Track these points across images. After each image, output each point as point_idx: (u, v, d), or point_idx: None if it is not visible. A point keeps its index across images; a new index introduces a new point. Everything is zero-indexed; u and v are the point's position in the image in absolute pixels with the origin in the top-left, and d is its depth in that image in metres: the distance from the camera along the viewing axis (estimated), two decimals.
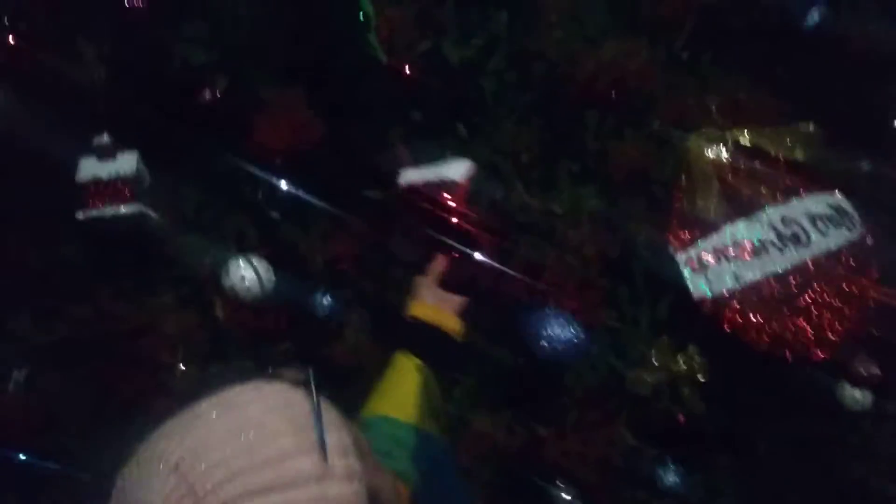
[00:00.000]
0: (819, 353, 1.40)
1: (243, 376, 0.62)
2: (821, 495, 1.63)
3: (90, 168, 1.34)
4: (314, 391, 0.62)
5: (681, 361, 1.29)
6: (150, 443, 0.60)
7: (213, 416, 0.59)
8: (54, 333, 1.32)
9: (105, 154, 1.34)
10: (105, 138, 1.34)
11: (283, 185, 1.40)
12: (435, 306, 1.11)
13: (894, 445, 1.68)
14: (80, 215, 1.33)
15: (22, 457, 1.30)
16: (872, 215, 1.62)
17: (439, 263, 1.17)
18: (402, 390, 1.04)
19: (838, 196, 1.54)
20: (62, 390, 1.32)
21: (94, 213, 1.32)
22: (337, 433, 0.60)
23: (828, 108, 1.71)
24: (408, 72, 1.50)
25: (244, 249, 1.38)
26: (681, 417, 1.26)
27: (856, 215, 1.52)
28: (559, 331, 1.19)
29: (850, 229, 1.50)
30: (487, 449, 1.26)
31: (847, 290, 1.44)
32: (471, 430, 1.25)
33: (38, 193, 1.33)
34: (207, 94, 1.39)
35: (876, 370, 1.48)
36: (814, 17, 1.71)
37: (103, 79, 1.35)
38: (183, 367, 1.30)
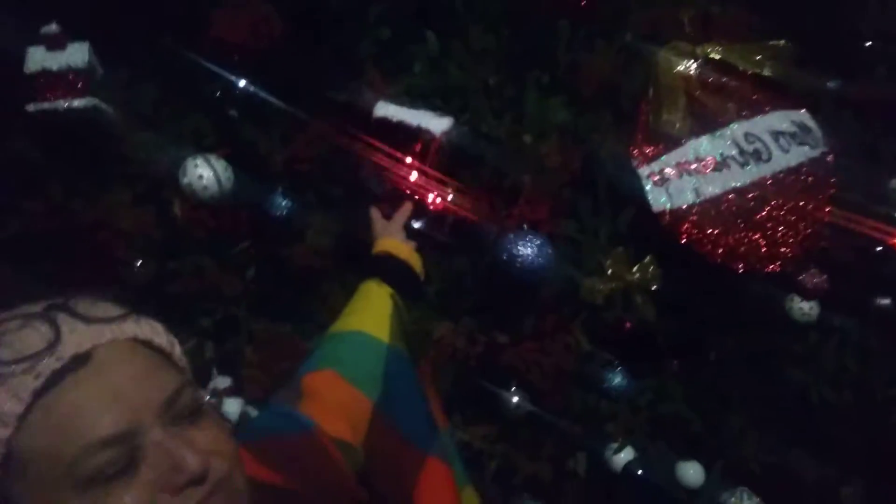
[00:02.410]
0: (771, 265, 1.43)
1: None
2: (764, 401, 1.70)
3: (39, 59, 1.29)
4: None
5: (635, 271, 1.30)
6: None
7: None
8: (7, 228, 1.30)
9: (54, 44, 1.28)
10: (54, 27, 1.29)
11: (242, 82, 1.36)
12: (400, 243, 1.17)
13: (837, 356, 1.75)
14: (30, 107, 1.28)
15: None
16: (835, 134, 1.65)
17: (403, 211, 1.22)
18: (376, 311, 1.07)
19: (803, 113, 1.55)
20: (17, 284, 1.30)
21: (45, 105, 1.28)
22: None
23: (800, 26, 1.70)
24: None
25: (203, 148, 1.35)
26: (628, 324, 1.28)
27: (819, 133, 1.54)
28: (526, 250, 1.20)
29: (811, 147, 1.51)
30: (447, 355, 1.28)
31: (803, 206, 1.47)
32: (432, 337, 1.26)
33: None
34: None
35: (824, 283, 1.52)
36: None
37: None
38: (139, 264, 1.28)
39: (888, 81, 1.80)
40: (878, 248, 1.83)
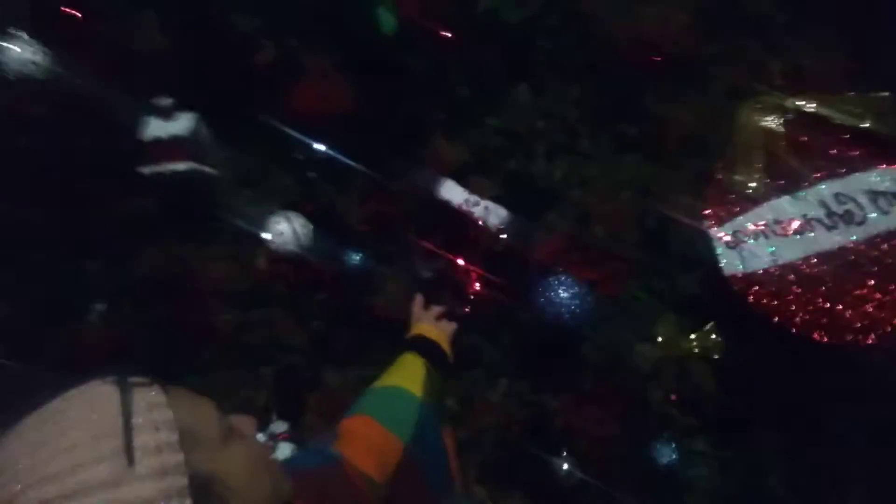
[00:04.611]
0: (864, 338, 1.30)
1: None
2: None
3: (153, 128, 1.48)
4: (126, 395, 0.62)
5: (693, 339, 1.25)
6: None
7: (25, 430, 0.62)
8: (124, 275, 1.49)
9: (164, 115, 1.47)
10: (165, 101, 1.47)
11: (321, 147, 1.48)
12: (433, 328, 1.23)
13: None
14: (144, 170, 1.48)
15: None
16: None
17: (438, 309, 1.26)
18: (411, 372, 1.15)
19: None
20: (133, 323, 1.50)
21: (155, 168, 1.47)
22: (151, 434, 0.61)
23: None
24: (450, 36, 1.52)
25: (286, 207, 1.48)
26: (673, 397, 1.23)
27: None
28: (562, 294, 1.20)
29: None
30: (496, 420, 1.30)
31: None
32: (481, 402, 1.29)
33: (111, 150, 1.49)
34: (257, 61, 1.48)
35: None
36: None
37: (165, 47, 1.47)
38: (226, 311, 1.42)
39: None
40: None
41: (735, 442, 1.47)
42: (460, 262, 1.35)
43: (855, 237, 1.33)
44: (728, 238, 1.36)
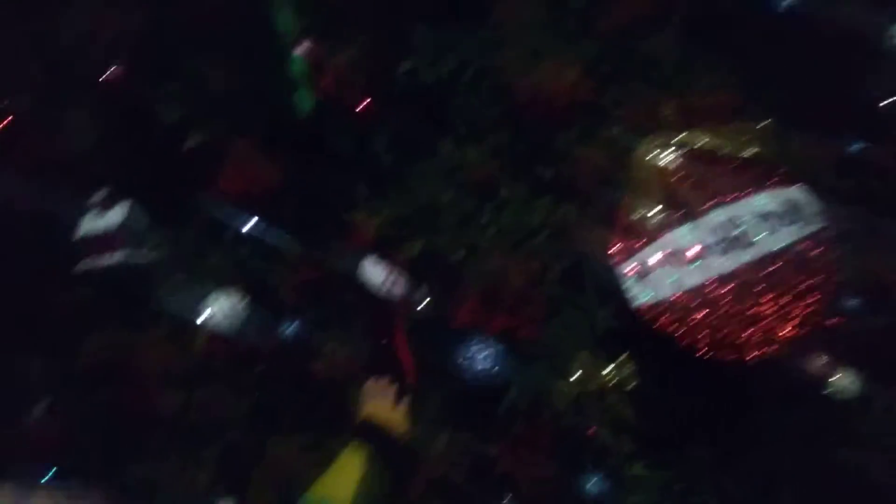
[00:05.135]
0: (764, 352, 1.39)
1: None
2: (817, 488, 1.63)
3: (87, 224, 1.55)
4: None
5: (610, 372, 1.33)
6: None
7: None
8: (66, 368, 1.55)
9: (99, 208, 1.54)
10: (100, 194, 1.55)
11: (250, 225, 1.56)
12: (383, 407, 1.25)
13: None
14: (78, 268, 1.54)
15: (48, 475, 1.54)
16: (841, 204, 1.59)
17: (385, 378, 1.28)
18: (345, 478, 1.16)
19: (796, 190, 1.51)
20: (77, 415, 1.55)
21: (91, 262, 1.53)
22: None
23: (796, 96, 1.68)
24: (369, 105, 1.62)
25: (221, 285, 1.54)
26: (590, 431, 1.30)
27: (815, 209, 1.49)
28: (478, 355, 1.28)
29: (805, 224, 1.47)
30: (440, 472, 1.36)
31: (799, 286, 1.43)
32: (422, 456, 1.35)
33: (48, 248, 1.55)
34: (184, 148, 1.56)
35: (827, 368, 1.46)
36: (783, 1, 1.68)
37: (93, 142, 1.55)
38: (168, 394, 1.48)
39: None
40: None
41: (671, 463, 1.55)
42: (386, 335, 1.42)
43: (747, 258, 1.42)
44: (635, 270, 1.45)
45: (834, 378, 1.56)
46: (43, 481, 1.45)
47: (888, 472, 1.62)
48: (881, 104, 1.69)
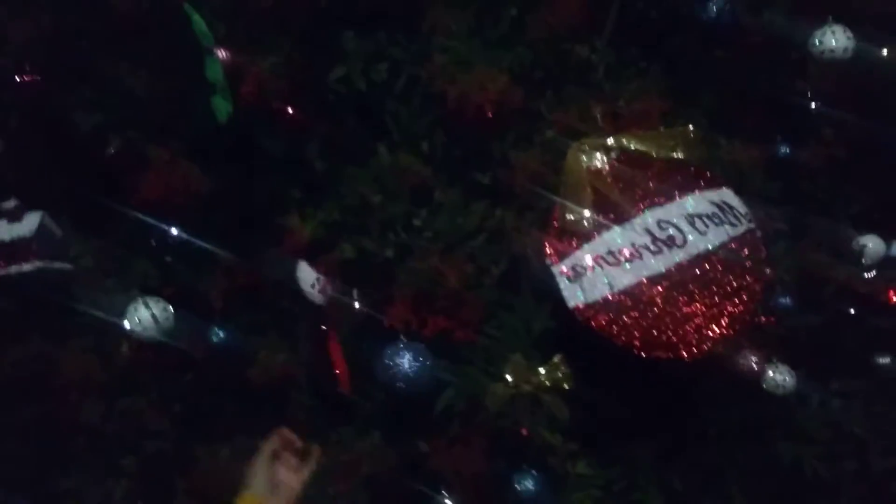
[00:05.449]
0: (695, 351, 1.41)
1: None
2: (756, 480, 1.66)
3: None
4: None
5: (542, 374, 1.32)
6: None
7: None
8: None
9: (11, 217, 1.47)
10: (9, 203, 1.48)
11: (174, 231, 1.51)
12: (267, 501, 1.05)
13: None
14: None
15: None
16: (771, 205, 1.63)
17: (275, 441, 1.09)
18: None
19: (725, 192, 1.54)
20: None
21: (2, 272, 1.46)
22: None
23: (725, 100, 1.72)
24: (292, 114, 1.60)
25: (146, 292, 1.49)
26: (523, 431, 1.29)
27: (742, 210, 1.52)
28: (404, 362, 1.26)
29: (733, 225, 1.50)
30: (369, 469, 1.34)
31: (728, 286, 1.45)
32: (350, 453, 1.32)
33: None
34: (103, 154, 1.50)
35: (757, 366, 1.48)
36: (712, 8, 1.72)
37: (5, 148, 1.48)
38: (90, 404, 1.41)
39: (836, 143, 1.77)
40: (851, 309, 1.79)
41: (615, 461, 1.55)
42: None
43: (678, 258, 1.44)
44: (568, 272, 1.45)
45: (769, 375, 1.59)
46: None
47: (823, 465, 1.67)
48: (809, 107, 1.75)
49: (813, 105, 1.77)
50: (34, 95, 1.49)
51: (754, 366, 1.49)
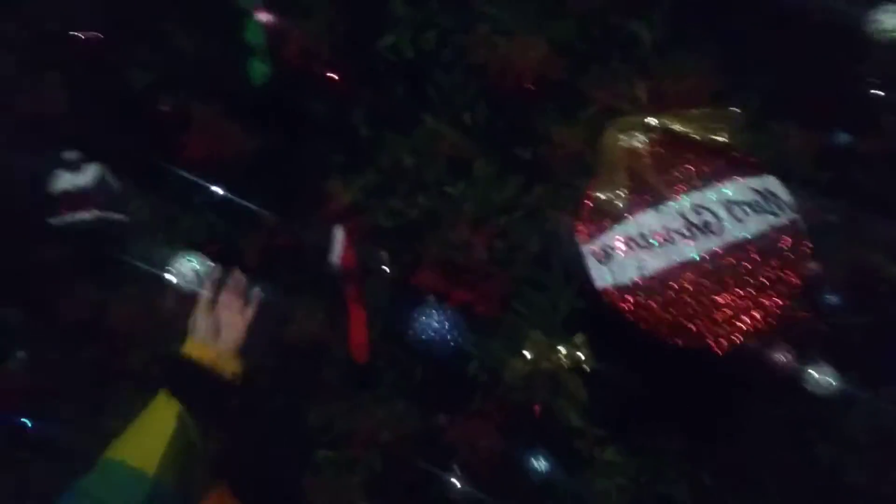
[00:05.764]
0: (724, 342, 1.39)
1: None
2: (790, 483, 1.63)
3: (61, 181, 1.57)
4: None
5: (561, 353, 1.33)
6: None
7: None
8: (43, 322, 1.58)
9: (72, 168, 1.56)
10: (71, 154, 1.57)
11: (219, 191, 1.57)
12: (211, 345, 1.09)
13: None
14: (53, 221, 1.57)
15: (25, 421, 1.59)
16: (821, 197, 1.57)
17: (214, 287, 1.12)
18: (151, 437, 1.01)
19: (769, 179, 1.49)
20: (54, 367, 1.59)
21: (64, 219, 1.56)
22: None
23: (780, 83, 1.65)
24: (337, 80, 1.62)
25: (190, 248, 1.56)
26: (536, 407, 1.30)
27: (787, 199, 1.47)
28: (428, 322, 1.28)
29: (775, 215, 1.45)
30: (385, 437, 1.38)
31: (766, 277, 1.41)
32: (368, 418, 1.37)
33: (22, 203, 1.58)
34: (155, 113, 1.57)
35: (791, 362, 1.45)
36: None
37: (69, 103, 1.57)
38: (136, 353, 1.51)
39: None
40: None
41: (643, 451, 1.55)
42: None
43: (712, 245, 1.41)
44: (598, 253, 1.45)
45: (810, 373, 1.54)
46: None
47: (864, 473, 1.62)
48: (869, 94, 1.66)
49: (873, 91, 1.68)
50: (94, 53, 1.56)
51: (793, 363, 1.44)
